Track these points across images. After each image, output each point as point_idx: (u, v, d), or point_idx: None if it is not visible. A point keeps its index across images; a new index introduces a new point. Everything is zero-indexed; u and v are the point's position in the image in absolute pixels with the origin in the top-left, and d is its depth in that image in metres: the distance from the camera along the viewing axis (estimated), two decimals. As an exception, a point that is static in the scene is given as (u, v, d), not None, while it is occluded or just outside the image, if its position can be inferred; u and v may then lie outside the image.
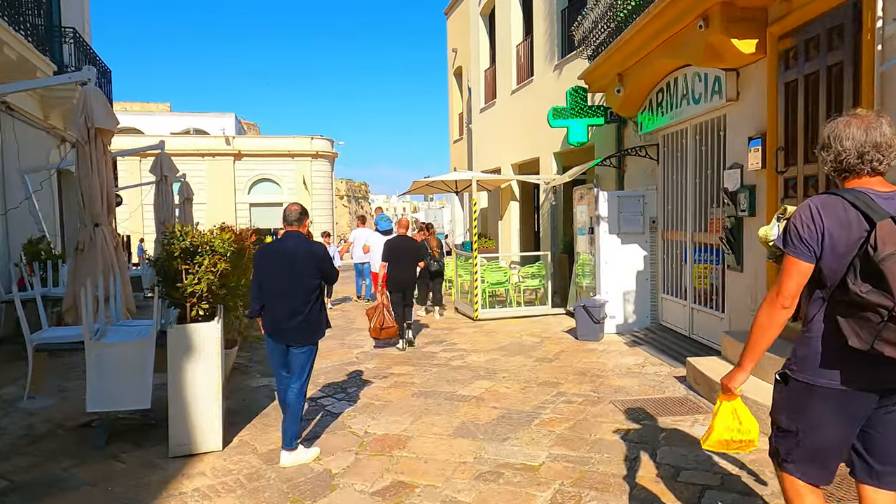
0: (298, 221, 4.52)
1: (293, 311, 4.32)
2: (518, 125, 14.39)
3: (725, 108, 6.50)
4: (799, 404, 2.14)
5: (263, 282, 4.41)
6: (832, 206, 2.02)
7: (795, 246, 2.07)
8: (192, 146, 32.84)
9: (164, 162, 10.61)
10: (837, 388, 2.05)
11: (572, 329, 8.97)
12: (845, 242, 1.98)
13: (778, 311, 2.10)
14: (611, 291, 8.55)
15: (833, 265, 2.01)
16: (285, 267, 4.34)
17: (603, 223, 8.49)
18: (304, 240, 4.50)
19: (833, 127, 2.10)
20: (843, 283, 1.97)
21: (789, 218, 2.13)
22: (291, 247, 4.39)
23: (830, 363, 2.07)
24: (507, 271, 11.34)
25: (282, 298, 4.33)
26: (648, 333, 8.22)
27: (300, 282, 4.35)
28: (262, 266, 4.45)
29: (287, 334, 4.37)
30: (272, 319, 4.39)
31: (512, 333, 9.04)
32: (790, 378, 2.18)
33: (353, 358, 7.76)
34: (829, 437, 2.12)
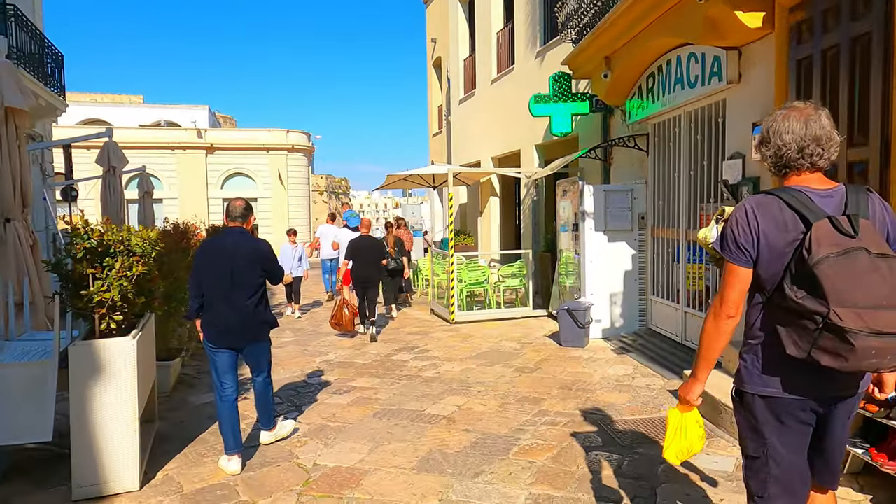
0: (242, 217, 4.32)
1: (234, 311, 4.15)
2: (498, 116, 13.70)
3: (725, 92, 5.86)
4: (756, 420, 2.06)
5: (203, 280, 4.19)
6: (768, 207, 1.94)
7: (732, 251, 1.99)
8: (162, 139, 31.65)
9: (112, 151, 9.66)
10: (784, 398, 1.99)
11: (555, 334, 8.31)
12: (781, 244, 1.91)
13: (723, 321, 2.03)
14: (596, 293, 7.90)
15: (770, 269, 1.94)
16: (226, 264, 4.14)
17: (588, 219, 7.83)
18: (246, 236, 4.29)
19: (772, 121, 2.02)
20: (780, 287, 1.90)
21: (727, 220, 2.03)
22: (232, 243, 4.19)
23: (773, 371, 2.00)
24: (485, 270, 10.65)
25: (222, 298, 4.15)
26: (637, 339, 7.58)
27: (242, 280, 4.16)
28: (201, 263, 4.23)
29: (229, 336, 4.20)
30: (212, 320, 4.19)
31: (490, 338, 8.35)
32: (743, 393, 2.10)
33: (315, 368, 7.02)
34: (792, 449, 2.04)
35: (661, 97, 7.05)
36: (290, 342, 8.53)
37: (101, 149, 9.73)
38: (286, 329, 9.40)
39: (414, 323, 9.94)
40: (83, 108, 36.76)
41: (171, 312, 6.26)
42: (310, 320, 10.29)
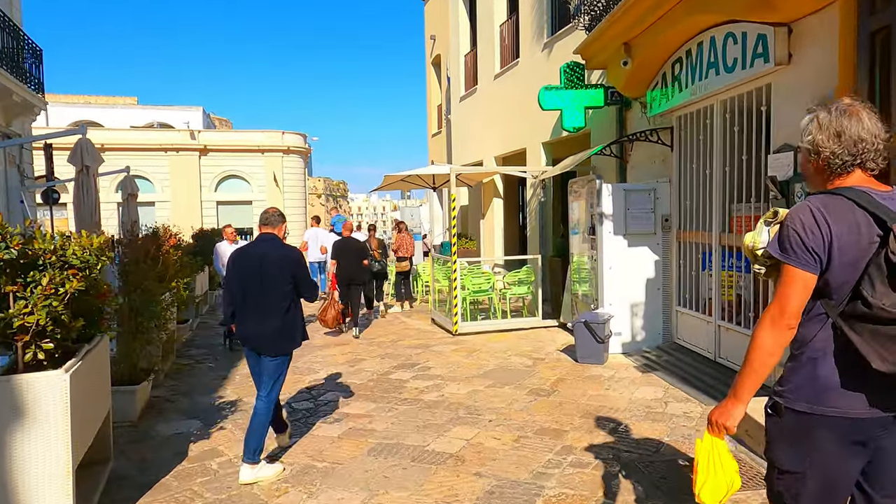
0: (273, 224, 4.28)
1: (264, 318, 4.10)
2: (502, 113, 12.96)
3: (772, 76, 5.12)
4: (801, 439, 1.86)
5: (234, 287, 4.20)
6: (837, 208, 1.78)
7: (798, 255, 1.80)
8: (154, 140, 30.90)
9: (86, 150, 8.91)
10: (846, 417, 1.79)
11: (570, 347, 7.56)
12: (855, 249, 1.75)
13: (783, 332, 1.82)
14: (615, 303, 7.14)
15: (842, 275, 1.76)
16: (256, 271, 4.11)
17: (606, 222, 7.08)
18: (277, 243, 4.24)
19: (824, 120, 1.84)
20: (856, 295, 1.74)
21: (784, 222, 1.85)
22: (263, 250, 4.18)
23: (838, 388, 1.80)
24: (490, 277, 9.90)
25: (252, 304, 4.13)
26: (662, 355, 6.83)
27: (271, 287, 4.11)
28: (232, 270, 4.22)
29: (258, 342, 4.15)
30: (243, 326, 4.19)
31: (498, 353, 7.59)
32: (784, 409, 1.88)
33: (304, 388, 6.26)
34: (839, 473, 1.85)
35: (689, 85, 6.31)
36: (277, 357, 7.77)
37: (74, 147, 8.94)
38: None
39: (414, 334, 9.18)
40: (74, 110, 36.04)
41: (139, 330, 5.51)
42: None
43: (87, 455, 3.71)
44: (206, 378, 6.88)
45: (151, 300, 5.51)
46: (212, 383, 6.65)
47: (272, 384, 4.18)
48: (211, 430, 5.08)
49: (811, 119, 1.89)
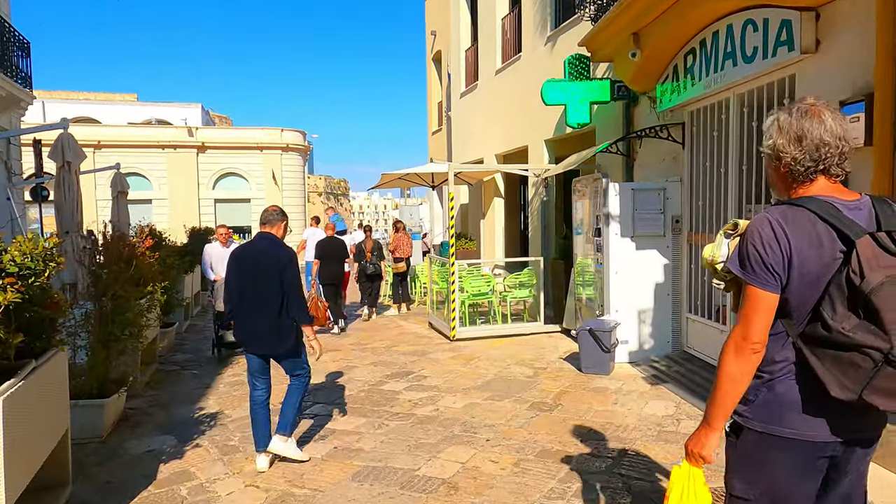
0: (271, 222, 4.26)
1: (260, 317, 4.09)
2: (503, 110, 12.55)
3: (797, 65, 4.71)
4: (756, 461, 1.79)
5: (233, 285, 4.21)
6: (797, 221, 1.67)
7: (757, 273, 1.69)
8: (151, 137, 30.51)
9: (67, 145, 8.52)
10: (804, 440, 1.72)
11: (573, 355, 7.16)
12: (816, 265, 1.65)
13: (748, 358, 1.71)
14: (622, 309, 6.74)
15: (801, 294, 1.68)
16: (253, 270, 4.13)
17: (613, 223, 6.68)
18: (272, 242, 4.22)
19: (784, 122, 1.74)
20: (816, 316, 1.65)
21: (743, 236, 1.75)
22: (258, 249, 4.20)
23: (798, 410, 1.73)
24: (490, 279, 9.50)
25: (249, 303, 4.12)
26: (672, 365, 6.43)
27: (267, 287, 4.09)
28: (231, 268, 4.25)
29: (256, 343, 4.16)
30: (239, 324, 4.20)
31: (497, 360, 7.19)
32: (743, 429, 1.81)
33: (289, 400, 5.85)
34: (793, 498, 1.79)
35: (703, 78, 5.90)
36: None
37: (55, 142, 8.54)
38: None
39: (410, 339, 8.78)
40: (71, 106, 35.65)
41: (110, 338, 5.11)
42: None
43: (40, 479, 3.33)
44: (188, 387, 6.50)
45: (124, 306, 5.11)
46: (194, 393, 6.26)
47: (299, 367, 4.30)
48: (185, 448, 4.69)
49: (772, 122, 1.78)
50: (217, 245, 8.34)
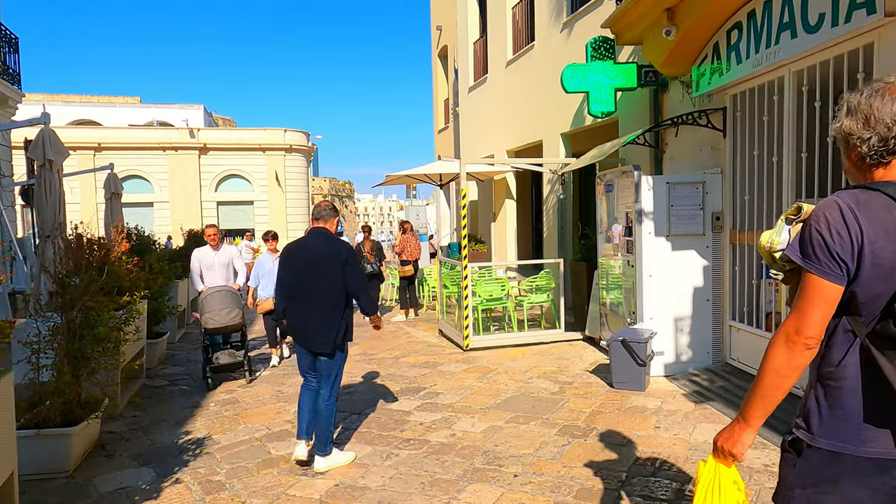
0: (325, 218, 4.21)
1: (316, 315, 4.04)
2: (515, 104, 11.88)
3: (878, 31, 4.01)
4: (821, 481, 1.57)
5: (287, 282, 4.16)
6: (871, 206, 1.50)
7: (820, 261, 1.51)
8: (152, 139, 29.99)
9: (48, 141, 7.89)
10: (877, 458, 1.52)
11: (601, 367, 6.48)
12: (891, 256, 1.46)
13: (800, 352, 1.53)
14: (657, 317, 6.05)
15: (873, 288, 1.49)
16: (306, 267, 4.08)
17: (646, 221, 5.99)
18: (328, 238, 4.17)
19: (854, 102, 1.58)
20: (887, 313, 1.48)
21: (807, 221, 1.58)
22: (313, 245, 4.14)
23: (869, 424, 1.52)
24: (504, 283, 8.81)
25: (302, 301, 4.08)
26: (715, 379, 5.73)
27: (322, 284, 4.06)
28: (286, 265, 4.21)
29: (308, 340, 4.11)
30: (293, 323, 4.16)
31: (517, 374, 6.51)
32: (805, 446, 1.60)
33: (286, 422, 5.20)
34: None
35: (750, 55, 5.20)
36: (261, 378, 6.73)
37: (35, 138, 7.90)
38: (258, 362, 7.59)
39: (419, 348, 8.11)
40: (73, 109, 35.28)
41: (80, 356, 4.46)
42: (293, 345, 8.49)
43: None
44: (174, 406, 5.85)
45: (95, 319, 4.46)
46: (180, 414, 5.61)
47: (332, 382, 4.16)
48: (163, 484, 4.04)
49: (842, 103, 1.62)
50: (207, 249, 7.20)
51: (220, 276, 7.10)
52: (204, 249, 7.29)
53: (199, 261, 7.13)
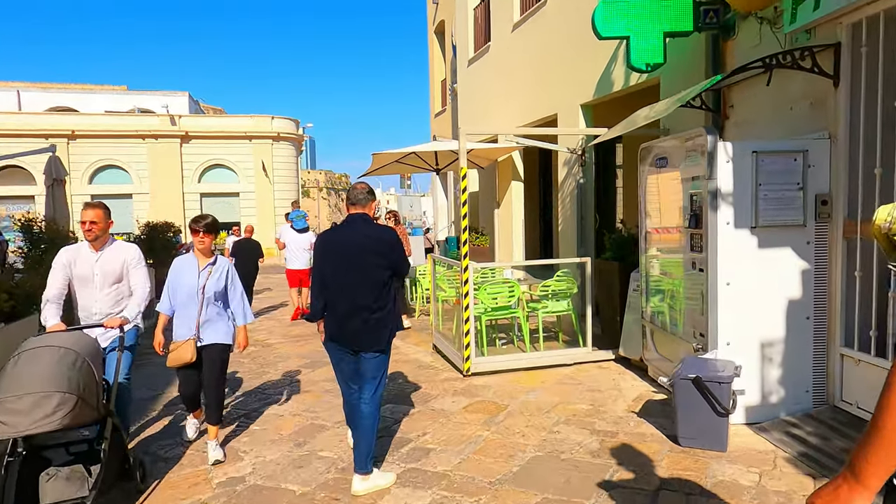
0: (364, 201, 3.79)
1: (360, 310, 3.63)
2: (523, 74, 10.10)
3: None
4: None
5: (326, 275, 3.71)
6: None
7: None
8: (131, 126, 28.12)
9: None
10: None
11: (652, 406, 4.75)
12: None
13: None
14: (736, 341, 4.30)
15: None
16: (349, 256, 3.67)
17: (724, 207, 4.23)
18: (370, 224, 3.78)
19: None
20: None
21: None
22: (358, 232, 3.71)
23: None
24: (514, 287, 7.05)
25: (346, 294, 3.66)
26: (823, 431, 3.99)
27: (368, 274, 3.65)
28: (323, 256, 3.77)
29: (355, 337, 3.67)
30: (336, 320, 3.69)
31: (536, 416, 4.77)
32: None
33: (211, 483, 3.43)
34: None
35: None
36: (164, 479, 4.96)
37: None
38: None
39: (408, 370, 6.37)
40: (49, 95, 33.41)
41: None
42: (256, 344, 6.73)
43: None
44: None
45: None
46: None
47: (376, 383, 3.72)
48: None
49: None
50: (83, 248, 4.07)
51: (102, 296, 4.02)
52: (76, 248, 4.11)
53: (67, 267, 3.95)
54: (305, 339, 8.25)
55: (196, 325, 4.08)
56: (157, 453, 4.30)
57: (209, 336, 4.13)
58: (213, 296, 4.14)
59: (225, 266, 4.28)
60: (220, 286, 4.18)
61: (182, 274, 4.16)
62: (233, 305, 4.29)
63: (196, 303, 4.10)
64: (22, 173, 24.38)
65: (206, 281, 4.13)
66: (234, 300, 4.29)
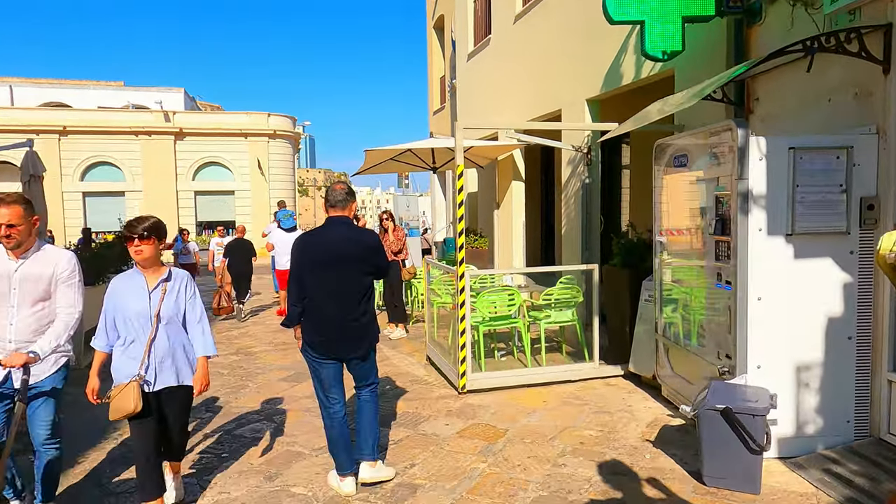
0: (343, 203, 3.63)
1: (343, 317, 3.52)
2: (525, 67, 9.58)
3: None
4: None
5: (305, 281, 3.54)
6: None
7: None
8: (124, 122, 27.58)
9: None
10: None
11: (668, 433, 4.23)
12: None
13: None
14: (767, 364, 3.78)
15: None
16: (331, 263, 3.52)
17: (756, 211, 3.71)
18: (352, 227, 3.67)
19: None
20: None
21: None
22: (338, 236, 3.58)
23: None
24: (515, 295, 6.52)
25: (328, 302, 3.52)
26: (868, 469, 3.46)
27: (352, 281, 3.55)
28: (302, 260, 3.58)
29: (337, 345, 3.56)
30: (316, 327, 3.55)
31: (539, 443, 4.25)
32: None
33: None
34: None
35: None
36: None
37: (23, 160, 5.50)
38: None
39: (399, 385, 5.85)
40: (42, 91, 32.84)
41: None
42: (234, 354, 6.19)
43: None
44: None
45: None
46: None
47: (370, 381, 3.74)
48: None
49: None
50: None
51: (21, 319, 3.06)
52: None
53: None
54: (290, 347, 7.73)
55: (142, 363, 3.09)
56: (107, 486, 3.78)
57: (166, 377, 3.16)
58: (170, 322, 3.19)
59: (182, 281, 3.29)
60: (178, 308, 3.23)
61: (125, 297, 3.13)
62: (191, 331, 3.30)
63: (146, 334, 3.12)
64: (11, 169, 23.81)
65: (161, 304, 3.15)
66: (193, 323, 3.30)
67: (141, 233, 3.07)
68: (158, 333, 3.14)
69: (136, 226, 3.09)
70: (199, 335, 3.30)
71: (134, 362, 3.10)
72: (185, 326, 3.28)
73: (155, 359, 3.13)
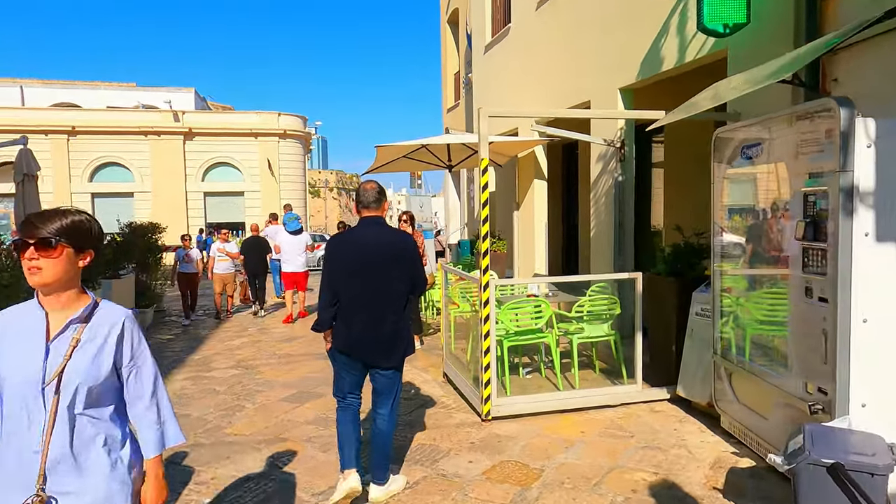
0: (377, 203, 3.46)
1: (377, 323, 3.36)
2: (549, 56, 8.86)
3: None
4: None
5: (337, 284, 3.39)
6: None
7: None
8: (133, 122, 27.18)
9: None
10: None
11: (737, 478, 3.51)
12: None
13: None
14: (875, 402, 3.04)
15: None
16: (366, 264, 3.37)
17: (861, 211, 2.97)
18: (387, 229, 3.51)
19: None
20: None
21: None
22: (372, 238, 3.42)
23: None
24: (543, 306, 5.78)
25: (361, 305, 3.36)
26: None
27: (386, 284, 3.38)
28: (335, 263, 3.43)
29: (369, 352, 3.41)
30: (347, 332, 3.39)
31: (584, 492, 3.53)
32: None
33: None
34: None
35: None
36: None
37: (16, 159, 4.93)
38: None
39: (413, 406, 5.15)
40: (52, 91, 32.56)
41: None
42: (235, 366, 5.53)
43: None
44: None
45: None
46: None
47: (392, 399, 3.55)
48: None
49: None
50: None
51: None
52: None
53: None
54: (296, 360, 7.08)
55: (40, 472, 1.67)
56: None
57: (75, 499, 1.71)
58: (83, 395, 1.73)
59: (115, 325, 1.81)
60: (99, 372, 1.76)
61: (5, 348, 1.71)
62: (135, 412, 1.88)
63: (40, 414, 1.69)
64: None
65: (66, 363, 1.71)
66: (140, 398, 1.87)
67: (43, 236, 1.68)
68: (59, 414, 1.69)
69: (35, 224, 1.69)
70: (152, 416, 1.88)
71: (24, 465, 1.68)
72: (117, 407, 1.86)
73: (52, 461, 1.69)
